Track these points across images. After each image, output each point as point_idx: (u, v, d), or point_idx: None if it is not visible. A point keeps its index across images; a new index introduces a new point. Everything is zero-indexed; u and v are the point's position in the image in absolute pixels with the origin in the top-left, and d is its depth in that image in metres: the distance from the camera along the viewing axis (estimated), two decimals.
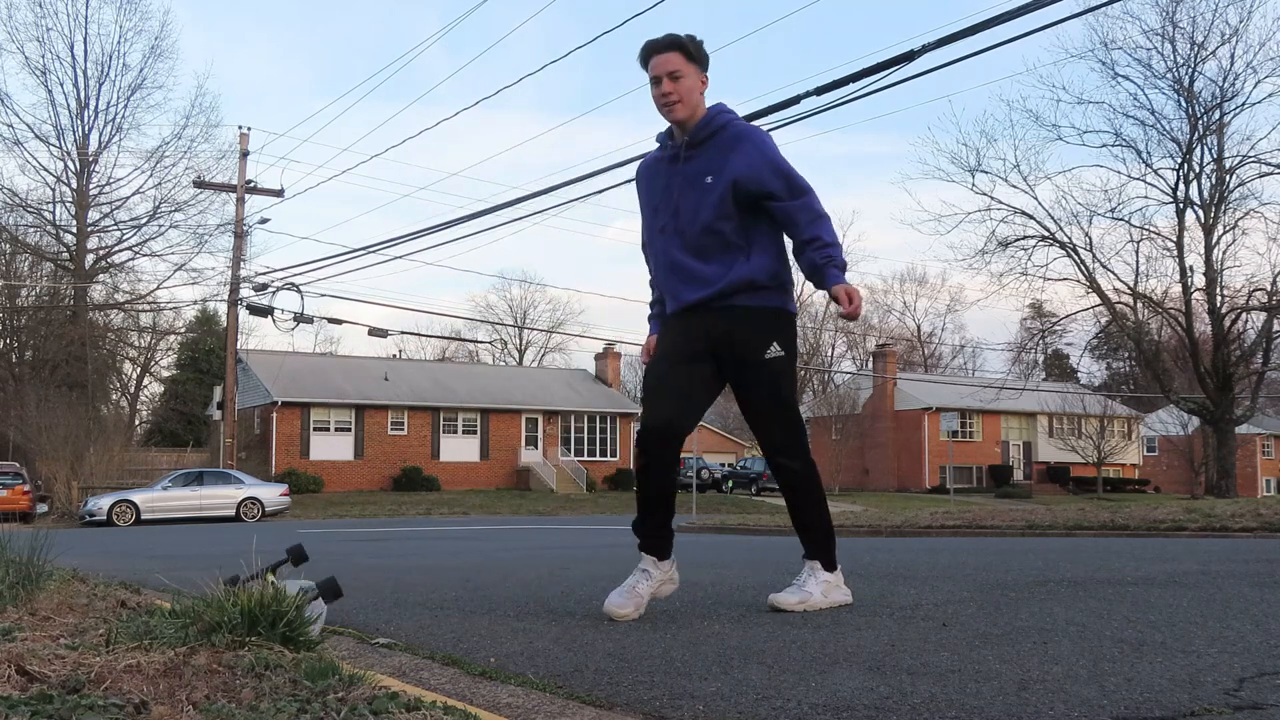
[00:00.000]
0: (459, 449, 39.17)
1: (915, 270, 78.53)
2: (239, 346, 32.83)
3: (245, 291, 29.70)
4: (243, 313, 30.04)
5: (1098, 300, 32.29)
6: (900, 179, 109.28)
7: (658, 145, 3.68)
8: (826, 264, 3.46)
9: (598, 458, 41.74)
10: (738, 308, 3.50)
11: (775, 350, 3.51)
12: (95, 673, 2.18)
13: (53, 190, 39.93)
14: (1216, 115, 29.60)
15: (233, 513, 25.52)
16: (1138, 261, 31.35)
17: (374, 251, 23.81)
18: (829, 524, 3.72)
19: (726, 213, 3.48)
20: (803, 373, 65.31)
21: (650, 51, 3.49)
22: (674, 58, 3.47)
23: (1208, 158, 30.50)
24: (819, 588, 3.65)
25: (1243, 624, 3.20)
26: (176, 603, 3.25)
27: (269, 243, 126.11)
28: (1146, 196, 35.60)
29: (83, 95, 38.85)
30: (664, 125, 3.65)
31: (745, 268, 3.49)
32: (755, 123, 11.89)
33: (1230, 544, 7.31)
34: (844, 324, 67.98)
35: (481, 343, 67.30)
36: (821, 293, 3.61)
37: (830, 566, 3.69)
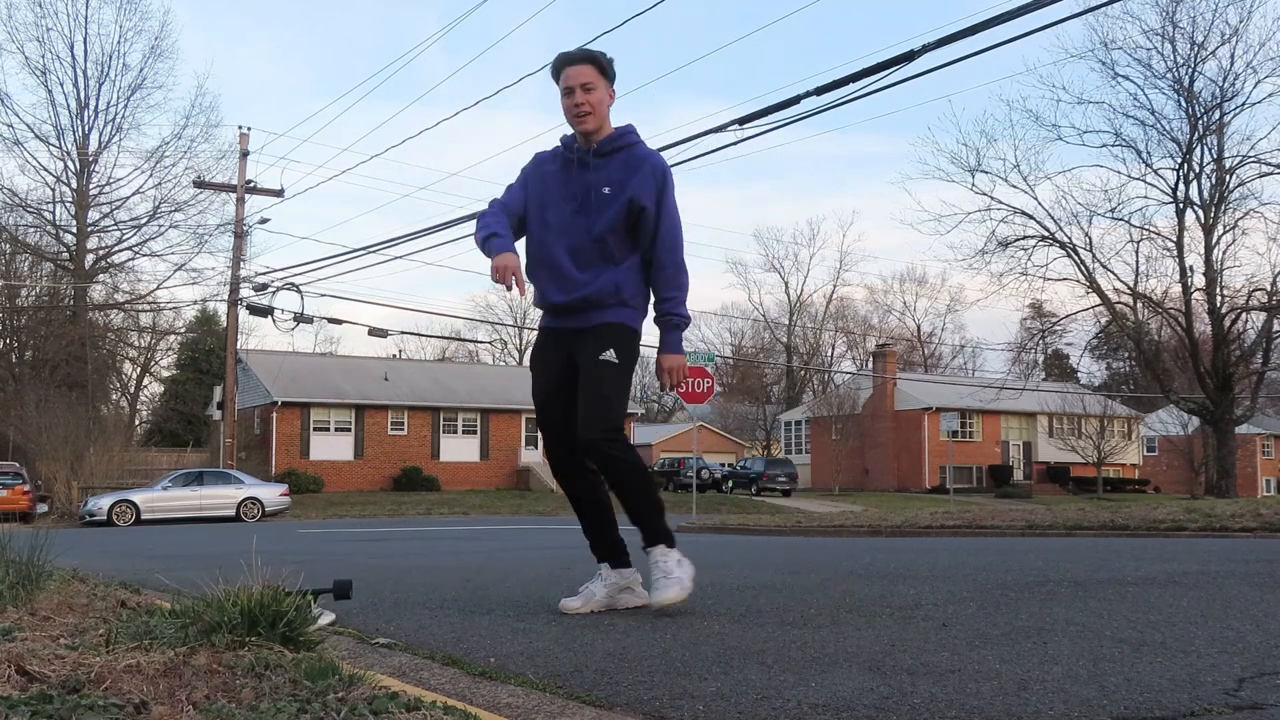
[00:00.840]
0: (459, 449, 39.15)
1: (915, 270, 78.57)
2: (239, 346, 32.83)
3: (245, 291, 29.70)
4: (243, 313, 30.04)
5: (1098, 300, 32.30)
6: (900, 179, 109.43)
7: (557, 147, 3.77)
8: (670, 326, 3.72)
9: None
10: (593, 319, 3.67)
11: (610, 356, 3.64)
12: (95, 673, 2.18)
13: (53, 190, 39.98)
14: (1216, 115, 29.61)
15: (233, 513, 25.51)
16: (1138, 261, 31.38)
17: (374, 251, 23.81)
18: (660, 502, 3.78)
19: (615, 227, 3.62)
20: (802, 373, 65.34)
21: (564, 63, 3.62)
22: (587, 70, 3.60)
23: (1208, 158, 30.53)
24: (678, 567, 3.67)
25: (1243, 624, 3.20)
26: (176, 603, 3.25)
27: (269, 243, 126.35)
28: (1146, 196, 35.65)
29: (83, 95, 38.89)
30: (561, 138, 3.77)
31: (612, 278, 3.64)
32: (755, 122, 11.91)
33: (1230, 544, 7.31)
34: (842, 324, 68.08)
35: (481, 343, 67.38)
36: (820, 293, 3.70)
37: (672, 542, 3.73)
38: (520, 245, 3.74)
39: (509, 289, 3.54)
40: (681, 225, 3.73)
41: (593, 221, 3.61)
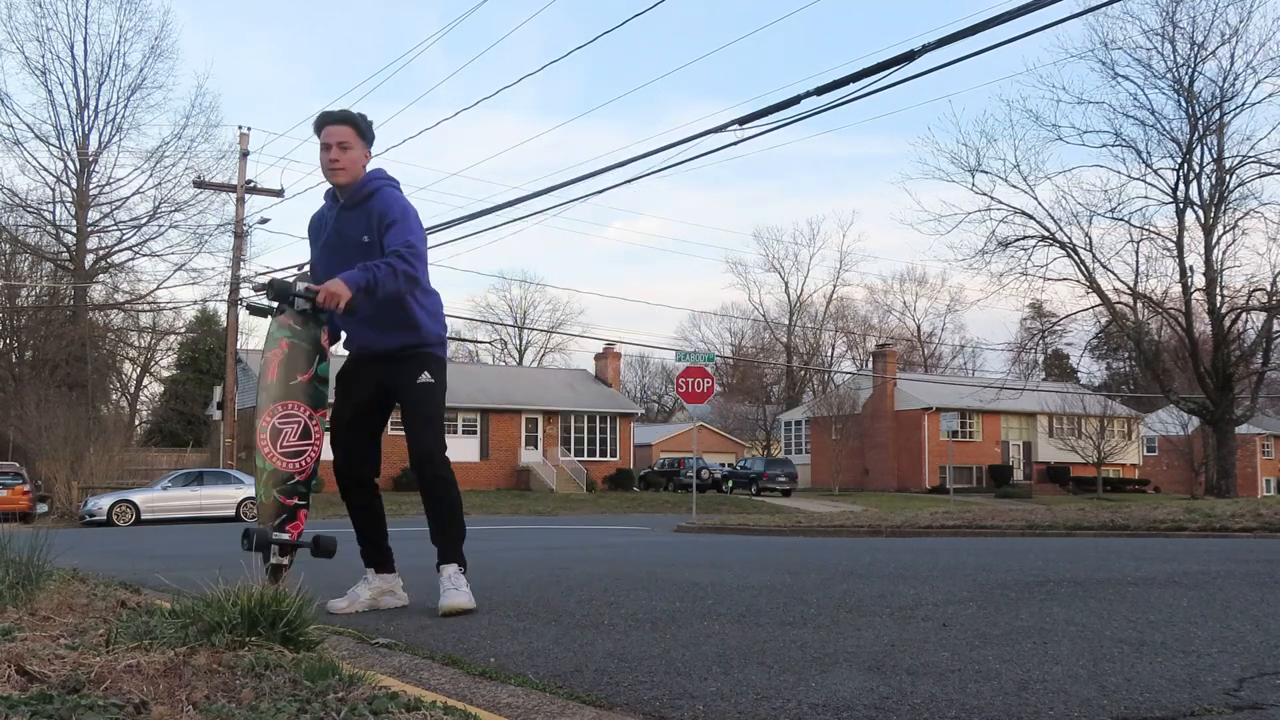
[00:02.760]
0: (459, 449, 39.13)
1: (915, 270, 78.42)
2: (239, 346, 32.81)
3: (245, 291, 29.69)
4: (243, 313, 30.03)
5: (1098, 300, 32.28)
6: (900, 179, 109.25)
7: (325, 202, 4.11)
8: (362, 271, 3.77)
9: (597, 458, 41.72)
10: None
11: (426, 378, 4.03)
12: (95, 673, 2.18)
13: (53, 190, 39.93)
14: (1216, 115, 29.59)
15: (233, 513, 25.50)
16: (1138, 261, 31.35)
17: None
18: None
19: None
20: (802, 373, 65.36)
21: (326, 122, 3.95)
22: (346, 130, 3.93)
23: (1208, 158, 30.50)
24: (465, 585, 3.96)
25: (1243, 624, 3.20)
26: (176, 603, 3.24)
27: (269, 243, 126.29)
28: (1146, 196, 35.62)
29: (83, 95, 38.85)
30: None
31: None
32: (755, 122, 11.91)
33: (1230, 544, 7.31)
34: (842, 324, 68.06)
35: (481, 343, 67.33)
36: (820, 293, 3.75)
37: (464, 564, 4.05)
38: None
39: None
40: (417, 228, 3.95)
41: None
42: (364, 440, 4.17)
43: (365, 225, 3.90)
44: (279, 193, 30.91)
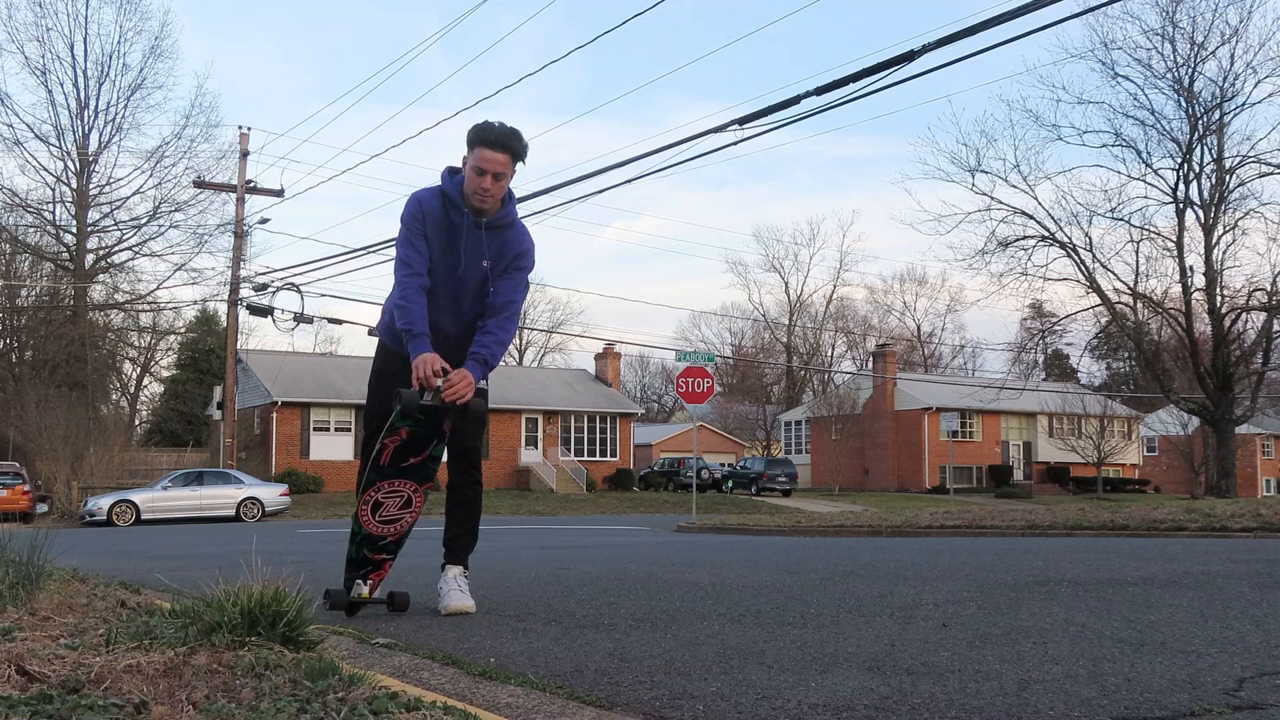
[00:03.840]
0: None
1: (915, 270, 78.36)
2: (239, 346, 32.82)
3: (245, 291, 29.69)
4: (243, 313, 30.03)
5: (1098, 300, 32.26)
6: (900, 179, 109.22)
7: (442, 191, 3.82)
8: (483, 366, 3.76)
9: (598, 458, 41.72)
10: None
11: (483, 384, 3.81)
12: (95, 673, 2.18)
13: (53, 190, 39.92)
14: (1216, 115, 29.57)
15: (233, 513, 25.50)
16: (1138, 261, 31.32)
17: (374, 251, 23.77)
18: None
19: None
20: (802, 373, 65.36)
21: (487, 143, 3.66)
22: (506, 160, 3.70)
23: (1208, 158, 30.48)
24: (466, 586, 4.01)
25: (1243, 624, 3.20)
26: (176, 603, 3.24)
27: (269, 243, 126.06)
28: (1146, 197, 35.56)
29: (83, 95, 38.84)
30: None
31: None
32: (755, 122, 11.91)
33: (1230, 544, 7.31)
34: (842, 324, 68.07)
35: None
36: (820, 293, 3.74)
37: (467, 567, 4.12)
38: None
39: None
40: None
41: (484, 287, 3.86)
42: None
43: (498, 252, 3.82)
44: (279, 193, 30.91)
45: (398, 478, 3.83)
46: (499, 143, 3.66)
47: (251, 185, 30.85)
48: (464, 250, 3.77)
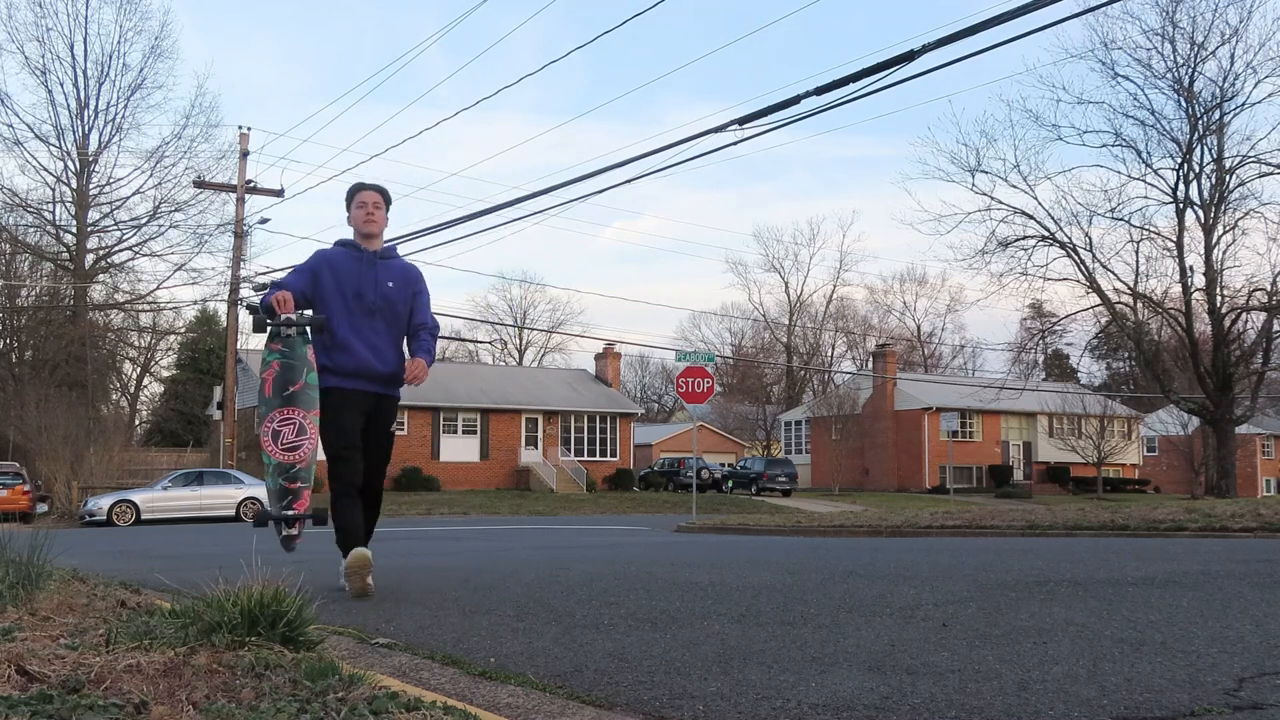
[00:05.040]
0: (459, 449, 39.14)
1: (915, 270, 78.33)
2: (239, 346, 32.80)
3: (245, 291, 29.69)
4: (243, 313, 30.02)
5: (1098, 300, 32.26)
6: (900, 179, 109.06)
7: (341, 245, 4.95)
8: (429, 354, 4.86)
9: (598, 458, 41.72)
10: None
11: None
12: (95, 673, 2.18)
13: (53, 190, 39.89)
14: (1216, 115, 29.57)
15: (233, 513, 25.49)
16: (1138, 261, 31.31)
17: None
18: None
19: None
20: (802, 373, 65.36)
21: (361, 188, 4.99)
22: (377, 196, 4.96)
23: (1208, 158, 30.47)
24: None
25: (1243, 624, 3.20)
26: (176, 603, 3.24)
27: (269, 243, 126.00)
28: (1146, 196, 35.55)
29: (83, 95, 38.82)
30: None
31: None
32: (755, 122, 11.92)
33: (1230, 544, 7.31)
34: (842, 324, 68.07)
35: (481, 343, 67.30)
36: (820, 293, 3.83)
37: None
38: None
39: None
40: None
41: (399, 308, 4.91)
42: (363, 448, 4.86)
43: (398, 279, 4.88)
44: (279, 193, 30.90)
45: (284, 405, 4.42)
46: (370, 186, 4.98)
47: (251, 185, 30.84)
48: (364, 279, 4.79)
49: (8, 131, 43.45)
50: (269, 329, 4.48)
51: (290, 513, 4.38)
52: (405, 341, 4.90)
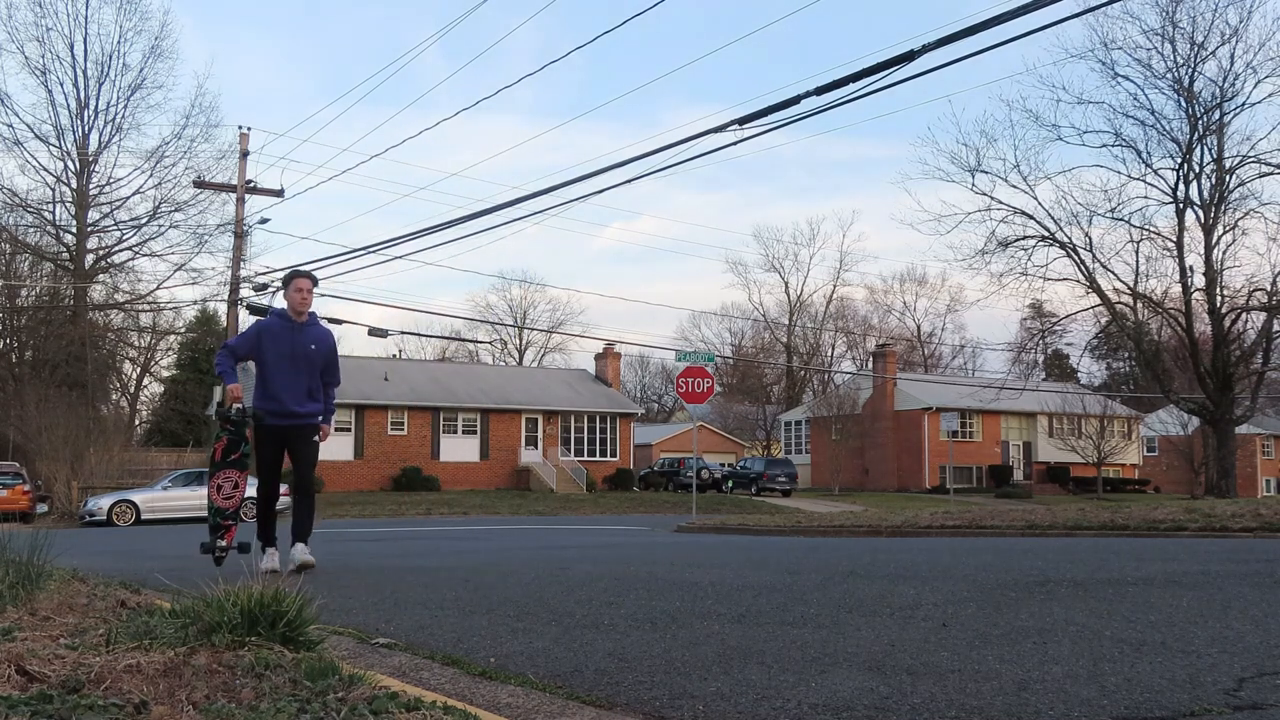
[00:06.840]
0: (459, 449, 39.15)
1: (915, 270, 78.34)
2: None
3: (245, 291, 29.68)
4: (242, 313, 30.01)
5: (1098, 300, 32.25)
6: (900, 179, 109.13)
7: (277, 320, 6.57)
8: (329, 414, 6.77)
9: (597, 458, 41.72)
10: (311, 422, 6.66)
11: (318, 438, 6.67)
12: (95, 673, 2.18)
13: (53, 190, 39.88)
14: (1216, 115, 29.56)
15: None
16: (1138, 261, 31.30)
17: (374, 251, 23.74)
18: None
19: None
20: (802, 373, 65.37)
21: (300, 275, 6.64)
22: (310, 283, 6.61)
23: (1208, 158, 30.46)
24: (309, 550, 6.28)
25: (1243, 624, 3.20)
26: (176, 603, 3.24)
27: (269, 243, 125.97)
28: (1146, 197, 35.49)
29: (83, 95, 38.81)
30: None
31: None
32: (755, 122, 11.94)
33: (1230, 544, 7.31)
34: (842, 324, 68.07)
35: (481, 343, 67.32)
36: (820, 293, 3.83)
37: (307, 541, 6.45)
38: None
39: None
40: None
41: (317, 368, 6.63)
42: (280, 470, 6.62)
43: (320, 341, 6.61)
44: (279, 193, 30.87)
45: (227, 468, 6.23)
46: (304, 274, 6.64)
47: (251, 185, 30.83)
48: (293, 342, 6.45)
49: (8, 131, 43.51)
50: (219, 414, 6.34)
51: (222, 543, 6.12)
52: (321, 386, 6.64)
